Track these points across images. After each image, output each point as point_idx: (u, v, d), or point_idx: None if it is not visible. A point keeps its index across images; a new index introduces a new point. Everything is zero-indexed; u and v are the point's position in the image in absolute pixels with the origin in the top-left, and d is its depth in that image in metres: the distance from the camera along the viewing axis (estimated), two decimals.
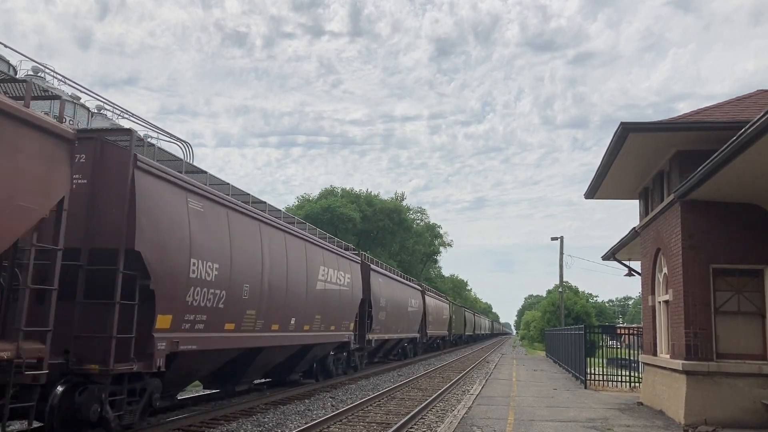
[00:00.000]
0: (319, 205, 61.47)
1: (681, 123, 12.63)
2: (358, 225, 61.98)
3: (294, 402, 15.34)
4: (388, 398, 16.87)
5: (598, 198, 17.52)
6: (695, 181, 11.12)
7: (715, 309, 12.25)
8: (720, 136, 11.28)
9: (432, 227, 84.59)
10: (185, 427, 11.32)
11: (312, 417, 13.11)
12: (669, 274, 13.54)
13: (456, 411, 13.56)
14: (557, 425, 11.72)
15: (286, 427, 11.84)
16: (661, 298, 14.60)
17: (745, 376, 11.70)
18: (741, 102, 13.92)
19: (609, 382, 20.76)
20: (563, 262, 45.88)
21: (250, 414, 13.16)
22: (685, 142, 12.71)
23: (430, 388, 19.72)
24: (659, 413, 13.56)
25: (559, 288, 47.41)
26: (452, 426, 11.26)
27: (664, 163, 13.93)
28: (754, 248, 12.21)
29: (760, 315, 12.17)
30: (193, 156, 11.68)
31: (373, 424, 12.48)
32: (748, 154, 9.35)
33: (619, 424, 12.09)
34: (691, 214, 12.45)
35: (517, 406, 14.40)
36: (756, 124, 8.49)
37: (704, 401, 11.76)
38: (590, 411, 13.98)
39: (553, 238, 46.17)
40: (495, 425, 11.46)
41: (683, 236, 12.42)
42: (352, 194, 68.15)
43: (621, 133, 12.58)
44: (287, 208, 62.29)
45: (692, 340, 12.08)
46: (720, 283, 12.35)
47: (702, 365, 11.87)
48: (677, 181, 12.59)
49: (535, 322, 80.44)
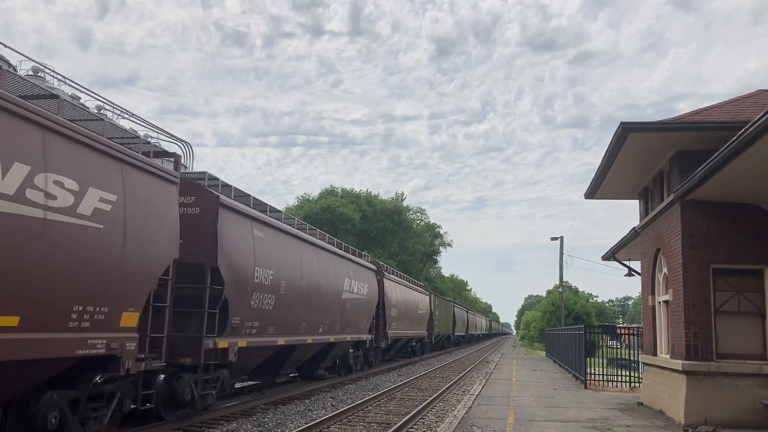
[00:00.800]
0: (318, 205, 61.45)
1: (681, 123, 12.63)
2: (358, 225, 61.98)
3: (294, 402, 15.34)
4: (388, 398, 16.87)
5: (598, 198, 17.52)
6: (695, 181, 11.12)
7: (715, 309, 12.25)
8: (720, 136, 11.28)
9: (432, 227, 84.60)
10: (185, 427, 11.31)
11: (312, 417, 13.10)
12: (669, 274, 13.54)
13: (456, 411, 13.56)
14: (557, 425, 11.72)
15: (286, 427, 11.84)
16: (661, 298, 14.60)
17: (745, 376, 11.70)
18: (741, 102, 13.92)
19: (609, 382, 20.76)
20: (563, 262, 45.93)
21: (250, 414, 13.16)
22: (685, 142, 12.71)
23: (430, 388, 19.71)
24: (659, 413, 13.56)
25: (559, 288, 47.42)
26: (452, 426, 11.26)
27: (664, 163, 13.94)
28: (754, 248, 12.21)
29: (760, 315, 12.17)
30: (193, 156, 11.65)
31: (373, 424, 12.48)
32: (748, 154, 9.35)
33: (619, 424, 12.09)
34: (691, 214, 12.45)
35: (517, 406, 14.40)
36: (756, 124, 8.49)
37: (704, 401, 11.76)
38: (590, 411, 13.98)
39: (553, 238, 46.22)
40: (495, 425, 11.46)
41: (683, 236, 12.42)
42: (352, 194, 68.14)
43: (621, 133, 12.58)
44: (287, 208, 62.30)
45: (692, 340, 12.08)
46: (720, 283, 12.35)
47: (702, 365, 11.87)
48: (677, 181, 12.59)
49: (535, 322, 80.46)
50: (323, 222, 55.55)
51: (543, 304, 76.86)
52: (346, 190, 69.42)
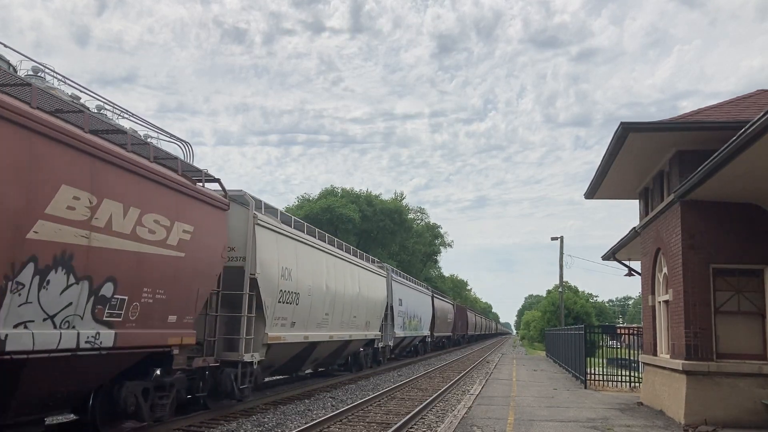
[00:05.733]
0: (318, 205, 61.35)
1: (681, 123, 12.63)
2: (358, 225, 61.91)
3: (294, 402, 15.35)
4: (388, 398, 16.88)
5: (597, 198, 17.52)
6: (695, 181, 11.12)
7: (715, 309, 12.25)
8: (720, 136, 11.28)
9: (432, 227, 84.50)
10: (185, 427, 11.32)
11: (312, 417, 13.11)
12: (669, 274, 13.54)
13: (456, 411, 13.55)
14: (557, 425, 11.72)
15: (286, 427, 11.84)
16: (661, 298, 14.60)
17: (745, 376, 11.69)
18: (741, 102, 13.92)
19: (609, 382, 20.76)
20: (563, 262, 45.90)
21: (250, 414, 13.16)
22: (685, 142, 12.71)
23: (430, 388, 19.72)
24: (659, 413, 13.56)
25: (559, 288, 47.40)
26: (452, 426, 11.26)
27: (664, 163, 13.93)
28: (754, 248, 12.20)
29: (760, 315, 12.17)
30: (193, 156, 11.64)
31: (373, 424, 12.48)
32: (748, 154, 9.35)
33: (619, 424, 12.09)
34: (691, 214, 12.44)
35: (517, 406, 14.40)
36: (756, 124, 8.49)
37: (704, 401, 11.76)
38: (590, 411, 13.98)
39: (554, 238, 46.13)
40: (495, 425, 11.46)
41: (683, 236, 12.41)
42: (352, 194, 68.05)
43: (621, 132, 12.58)
44: (287, 207, 62.26)
45: (692, 340, 12.08)
46: (720, 283, 12.35)
47: (702, 365, 11.86)
48: (677, 181, 12.59)
49: (535, 322, 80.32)
50: (323, 222, 55.47)
51: (543, 303, 76.72)
52: (346, 190, 69.28)
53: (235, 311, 12.94)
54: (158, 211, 9.42)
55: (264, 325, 13.75)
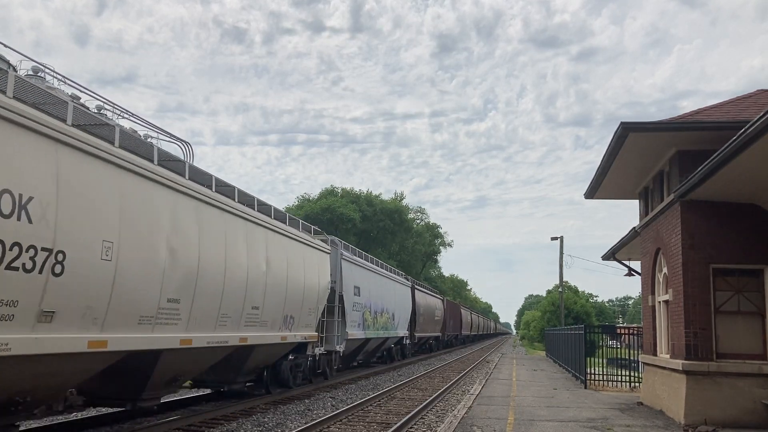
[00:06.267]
0: (318, 205, 61.34)
1: (681, 123, 12.63)
2: (358, 225, 61.90)
3: (294, 402, 15.35)
4: (388, 398, 16.88)
5: (597, 198, 17.52)
6: (695, 181, 11.12)
7: (715, 309, 12.25)
8: (720, 136, 11.28)
9: (432, 227, 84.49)
10: (185, 427, 11.33)
11: (312, 417, 13.11)
12: (669, 274, 13.54)
13: (456, 411, 13.55)
14: (557, 425, 11.72)
15: (286, 427, 11.85)
16: (661, 297, 14.60)
17: (745, 376, 11.69)
18: (741, 102, 13.92)
19: (609, 382, 20.75)
20: (563, 262, 45.91)
21: (250, 414, 13.16)
22: (685, 142, 12.71)
23: (430, 388, 19.72)
24: (659, 413, 13.56)
25: (559, 288, 47.41)
26: (452, 426, 11.26)
27: (664, 162, 13.93)
28: (754, 248, 12.21)
29: (760, 315, 12.17)
30: (193, 156, 11.65)
31: (373, 423, 12.48)
32: (748, 154, 9.35)
33: (619, 424, 12.09)
34: (691, 214, 12.45)
35: (517, 406, 14.40)
36: (756, 124, 8.49)
37: (704, 401, 11.76)
38: (590, 411, 13.98)
39: (554, 238, 46.15)
40: (495, 425, 11.46)
41: (683, 236, 12.41)
42: (352, 194, 68.04)
43: (621, 132, 12.58)
44: (287, 207, 62.24)
45: (692, 340, 12.08)
46: (720, 283, 12.35)
47: (702, 365, 11.87)
48: (677, 181, 12.59)
49: (534, 322, 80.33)
50: (324, 222, 55.45)
51: (543, 303, 76.74)
52: (346, 190, 69.30)
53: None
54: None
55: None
